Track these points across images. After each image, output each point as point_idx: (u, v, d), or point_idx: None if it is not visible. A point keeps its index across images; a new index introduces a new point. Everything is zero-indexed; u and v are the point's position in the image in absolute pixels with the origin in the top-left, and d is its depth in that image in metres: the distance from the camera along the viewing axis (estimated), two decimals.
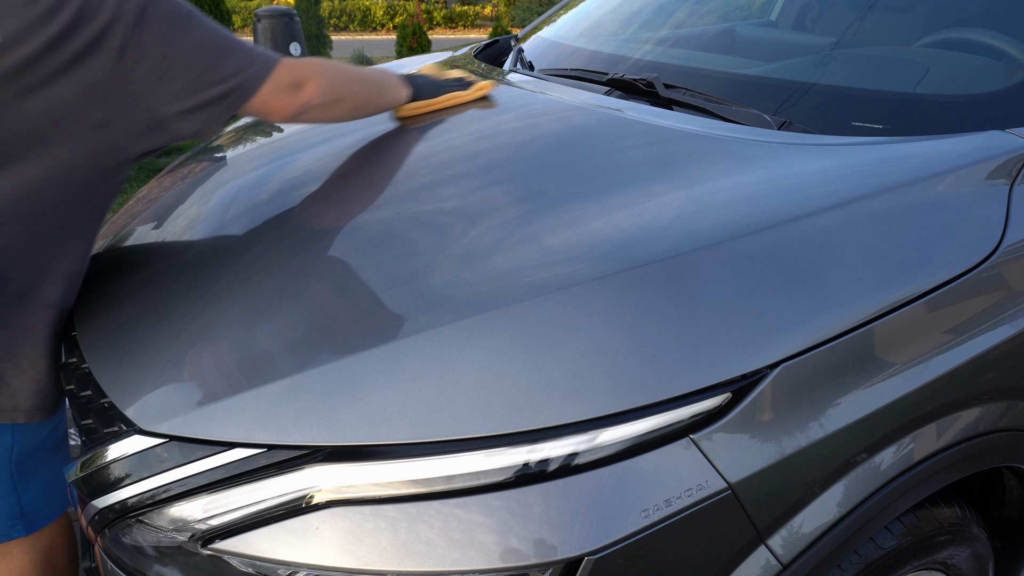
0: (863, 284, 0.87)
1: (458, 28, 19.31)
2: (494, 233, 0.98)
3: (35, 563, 1.25)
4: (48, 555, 1.27)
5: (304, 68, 1.12)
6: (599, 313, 0.82)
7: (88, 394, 1.02)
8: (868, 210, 0.94)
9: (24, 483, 1.20)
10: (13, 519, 1.21)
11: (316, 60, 1.17)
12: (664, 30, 1.86)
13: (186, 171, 1.55)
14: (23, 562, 1.24)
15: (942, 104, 1.21)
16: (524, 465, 0.76)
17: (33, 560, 1.25)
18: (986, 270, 0.94)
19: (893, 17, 1.53)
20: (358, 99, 1.24)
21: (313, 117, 1.18)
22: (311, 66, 1.14)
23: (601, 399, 0.77)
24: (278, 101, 1.09)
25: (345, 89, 1.20)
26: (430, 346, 0.82)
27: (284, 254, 1.06)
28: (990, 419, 0.99)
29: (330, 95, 1.16)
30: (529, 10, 14.05)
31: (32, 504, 1.22)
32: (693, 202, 0.98)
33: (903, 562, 1.01)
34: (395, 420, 0.78)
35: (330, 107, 1.18)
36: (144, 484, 0.86)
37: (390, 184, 1.17)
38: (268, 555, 0.78)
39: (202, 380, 0.89)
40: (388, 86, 1.33)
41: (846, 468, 0.85)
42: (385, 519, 0.76)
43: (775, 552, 0.82)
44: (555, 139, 1.22)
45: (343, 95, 1.20)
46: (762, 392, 0.80)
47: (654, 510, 0.75)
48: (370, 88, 1.28)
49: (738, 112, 1.28)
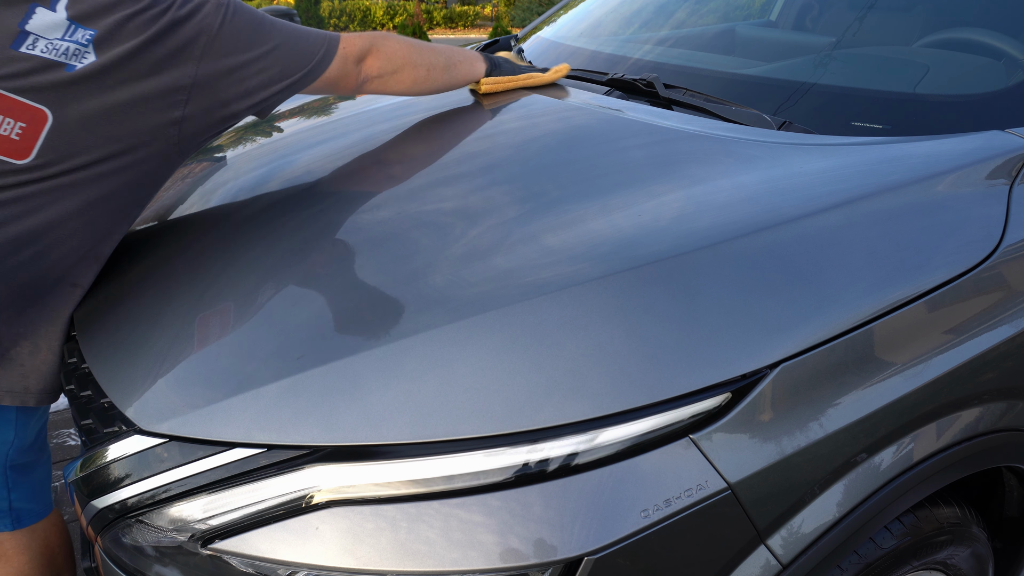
0: (863, 284, 0.87)
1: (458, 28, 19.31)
2: (494, 233, 0.98)
3: (32, 563, 1.25)
4: (44, 555, 1.27)
5: (363, 41, 1.20)
6: (599, 313, 0.82)
7: (88, 394, 1.02)
8: (868, 210, 0.94)
9: (16, 479, 1.22)
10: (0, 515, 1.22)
11: (378, 33, 1.24)
12: (664, 30, 1.86)
13: (186, 171, 1.55)
14: (19, 563, 1.25)
15: (942, 104, 1.21)
16: (524, 465, 0.76)
17: (31, 560, 1.25)
18: (986, 270, 0.94)
19: (893, 17, 1.53)
20: (419, 72, 1.29)
21: (376, 88, 1.25)
22: (370, 39, 1.21)
23: (601, 399, 0.77)
24: (343, 79, 1.18)
25: (405, 60, 1.26)
26: (430, 346, 0.82)
27: (284, 254, 1.06)
28: (990, 419, 0.99)
29: (389, 66, 1.23)
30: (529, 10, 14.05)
31: (20, 501, 1.23)
32: (693, 202, 0.98)
33: (903, 562, 1.01)
34: (395, 420, 0.78)
35: (389, 78, 1.25)
36: (144, 484, 0.86)
37: (390, 184, 1.17)
38: (268, 555, 0.77)
39: (202, 380, 0.89)
40: (460, 60, 1.38)
41: (846, 468, 0.85)
42: (385, 519, 0.76)
43: (775, 552, 0.82)
44: (555, 139, 1.22)
45: (401, 66, 1.25)
46: (762, 392, 0.80)
47: (654, 510, 0.75)
48: (435, 60, 1.32)
49: (738, 112, 1.28)
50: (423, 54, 1.30)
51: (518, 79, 1.49)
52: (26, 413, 1.16)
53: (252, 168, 1.39)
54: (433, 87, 1.35)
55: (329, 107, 1.69)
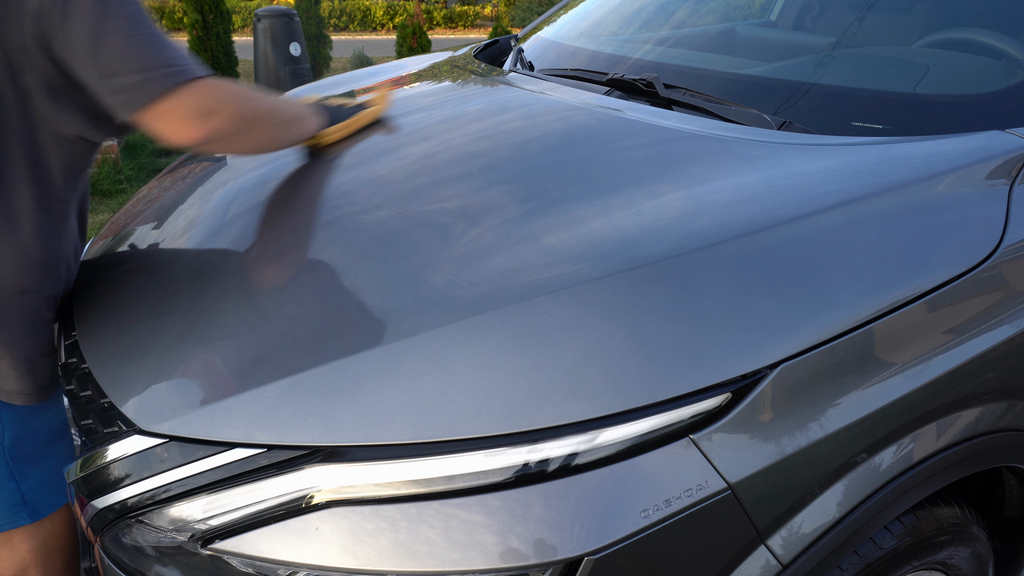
0: (863, 284, 0.87)
1: (458, 28, 19.30)
2: (494, 233, 0.98)
3: (35, 552, 1.26)
4: (48, 544, 1.28)
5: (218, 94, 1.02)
6: (599, 313, 0.82)
7: (88, 394, 1.02)
8: (868, 210, 0.94)
9: (22, 471, 1.21)
10: (15, 507, 1.22)
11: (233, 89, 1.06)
12: (664, 30, 1.86)
13: (186, 171, 1.55)
14: (24, 551, 1.25)
15: (942, 104, 1.21)
16: (524, 465, 0.76)
17: (33, 549, 1.26)
18: (986, 270, 0.94)
19: (893, 17, 1.53)
20: (270, 132, 1.16)
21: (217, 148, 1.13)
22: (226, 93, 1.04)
23: (601, 399, 0.77)
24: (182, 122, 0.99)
25: (260, 120, 1.12)
26: (430, 346, 0.82)
27: (284, 254, 1.06)
28: (990, 419, 0.99)
29: (239, 128, 1.07)
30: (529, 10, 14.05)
31: (33, 492, 1.23)
32: (693, 202, 0.98)
33: (903, 562, 1.01)
34: (395, 420, 0.78)
35: (234, 141, 1.09)
36: (144, 484, 0.86)
37: (391, 184, 1.17)
38: (268, 555, 0.78)
39: (202, 380, 0.89)
40: (298, 119, 1.26)
41: (846, 468, 0.85)
42: (385, 519, 0.76)
43: (775, 552, 0.82)
44: (555, 139, 1.22)
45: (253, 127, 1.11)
46: (762, 392, 0.80)
47: (654, 510, 0.75)
48: (281, 120, 1.20)
49: (738, 112, 1.28)
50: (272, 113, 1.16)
51: (355, 121, 1.39)
52: (11, 407, 1.16)
53: (252, 168, 1.39)
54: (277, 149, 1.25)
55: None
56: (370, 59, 9.34)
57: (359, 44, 12.00)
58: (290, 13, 7.32)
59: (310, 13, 8.65)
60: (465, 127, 1.34)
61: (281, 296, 0.96)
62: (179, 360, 0.93)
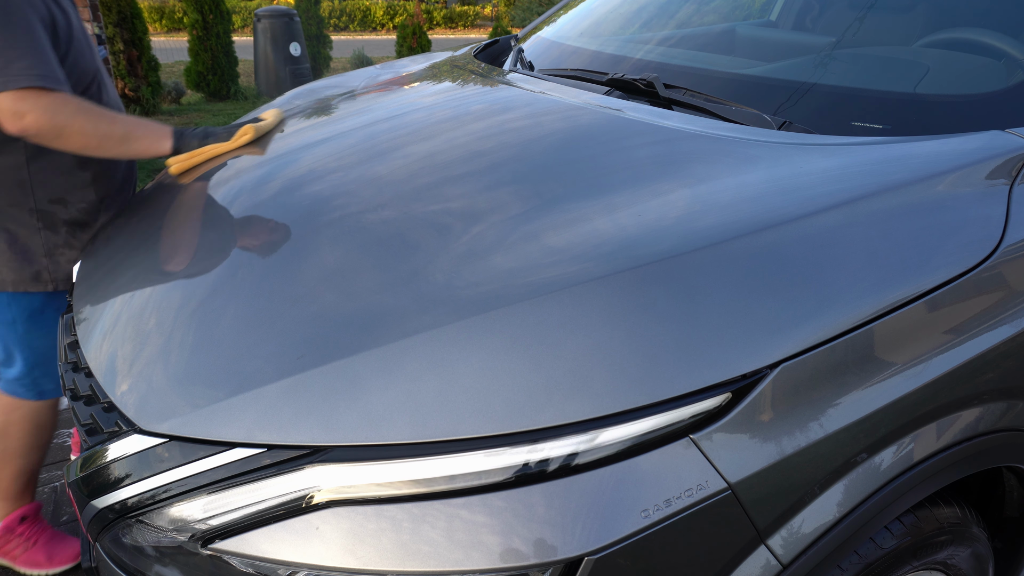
0: (863, 284, 0.87)
1: (458, 28, 19.30)
2: (495, 232, 0.98)
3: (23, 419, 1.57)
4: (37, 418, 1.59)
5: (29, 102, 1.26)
6: (599, 313, 0.82)
7: (88, 394, 1.02)
8: (868, 210, 0.94)
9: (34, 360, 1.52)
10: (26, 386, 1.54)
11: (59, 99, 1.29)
12: (664, 30, 1.86)
13: (186, 171, 1.54)
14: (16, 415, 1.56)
15: (942, 104, 1.21)
16: (524, 465, 0.76)
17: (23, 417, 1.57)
18: (986, 270, 0.94)
19: (893, 17, 1.53)
20: (88, 140, 1.34)
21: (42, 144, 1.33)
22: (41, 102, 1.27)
23: (601, 399, 0.76)
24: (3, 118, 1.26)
25: (71, 129, 1.31)
26: (430, 346, 0.82)
27: (285, 254, 1.06)
28: (990, 419, 0.99)
29: (50, 132, 1.29)
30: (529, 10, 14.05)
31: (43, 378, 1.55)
32: (694, 202, 0.98)
33: (903, 562, 1.01)
34: (395, 420, 0.78)
35: (53, 141, 1.31)
36: (144, 484, 0.86)
37: (393, 183, 1.17)
38: (268, 555, 0.77)
39: (202, 380, 0.89)
40: (141, 136, 1.43)
41: (846, 468, 0.85)
42: (385, 519, 0.76)
43: (775, 552, 0.82)
44: (556, 139, 1.22)
45: (67, 134, 1.31)
46: (762, 392, 0.80)
47: (654, 510, 0.75)
48: (111, 132, 1.37)
49: (738, 112, 1.28)
50: (99, 125, 1.35)
51: (200, 152, 1.51)
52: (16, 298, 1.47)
53: (253, 168, 1.39)
54: (108, 155, 1.40)
55: (330, 107, 1.69)
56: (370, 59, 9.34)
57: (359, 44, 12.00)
58: (290, 13, 7.33)
59: (310, 13, 8.65)
60: (465, 127, 1.34)
61: (282, 296, 0.97)
62: (179, 360, 0.93)
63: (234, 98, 7.17)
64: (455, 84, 1.68)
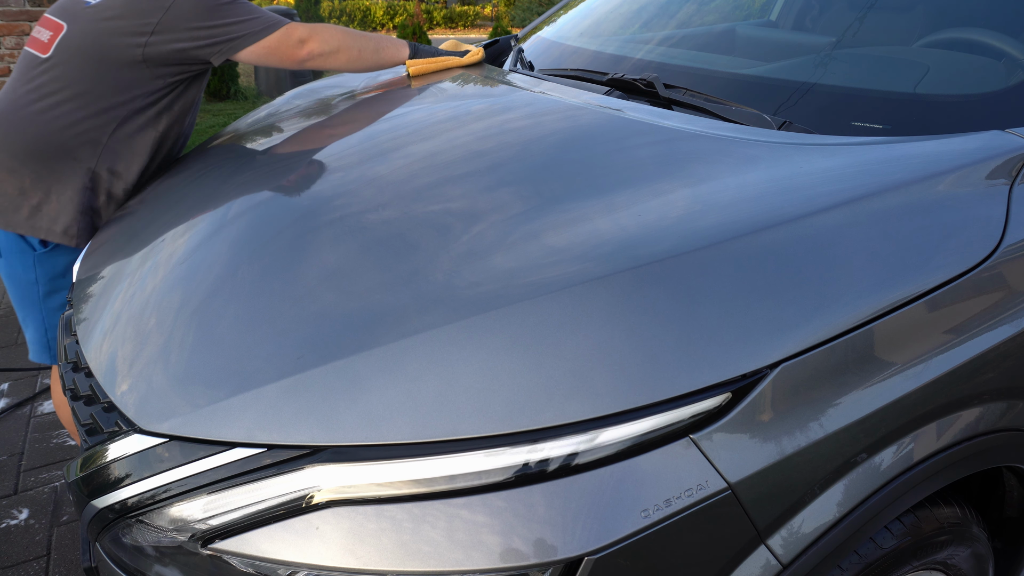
0: (863, 284, 0.87)
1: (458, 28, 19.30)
2: (496, 232, 0.98)
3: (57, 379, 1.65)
4: None
5: (305, 28, 1.57)
6: (599, 313, 0.82)
7: (88, 394, 1.02)
8: (868, 210, 0.94)
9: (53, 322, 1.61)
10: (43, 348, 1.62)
11: (318, 25, 1.60)
12: (664, 30, 1.86)
13: (187, 170, 1.54)
14: None
15: (942, 104, 1.21)
16: (524, 465, 0.76)
17: None
18: (986, 270, 0.94)
19: (893, 17, 1.53)
20: (352, 53, 1.65)
21: (319, 64, 1.60)
22: (311, 27, 1.58)
23: (601, 399, 0.77)
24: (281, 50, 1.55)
25: (340, 44, 1.62)
26: (430, 346, 0.82)
27: (285, 253, 1.06)
28: (990, 419, 0.99)
29: (327, 47, 1.60)
30: (529, 10, 14.05)
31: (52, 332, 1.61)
32: (694, 202, 0.98)
33: (903, 562, 1.01)
34: (395, 420, 0.78)
35: (329, 57, 1.61)
36: (144, 484, 0.86)
37: (392, 183, 1.17)
38: (268, 555, 0.78)
39: (203, 380, 0.89)
40: (386, 45, 1.74)
41: (846, 468, 0.85)
42: (385, 519, 0.76)
43: (775, 552, 0.82)
44: (556, 139, 1.22)
45: (337, 48, 1.62)
46: (762, 392, 0.80)
47: (654, 510, 0.75)
48: (365, 44, 1.68)
49: (738, 112, 1.28)
50: (356, 39, 1.66)
51: (439, 61, 1.82)
52: (42, 259, 1.55)
53: (253, 167, 1.39)
54: (365, 66, 1.70)
55: (330, 107, 1.69)
56: None
57: None
58: (290, 13, 7.33)
59: (310, 13, 8.66)
60: (465, 127, 1.34)
61: (282, 296, 0.96)
62: (179, 360, 0.93)
63: (234, 98, 7.17)
64: (455, 84, 1.68)
